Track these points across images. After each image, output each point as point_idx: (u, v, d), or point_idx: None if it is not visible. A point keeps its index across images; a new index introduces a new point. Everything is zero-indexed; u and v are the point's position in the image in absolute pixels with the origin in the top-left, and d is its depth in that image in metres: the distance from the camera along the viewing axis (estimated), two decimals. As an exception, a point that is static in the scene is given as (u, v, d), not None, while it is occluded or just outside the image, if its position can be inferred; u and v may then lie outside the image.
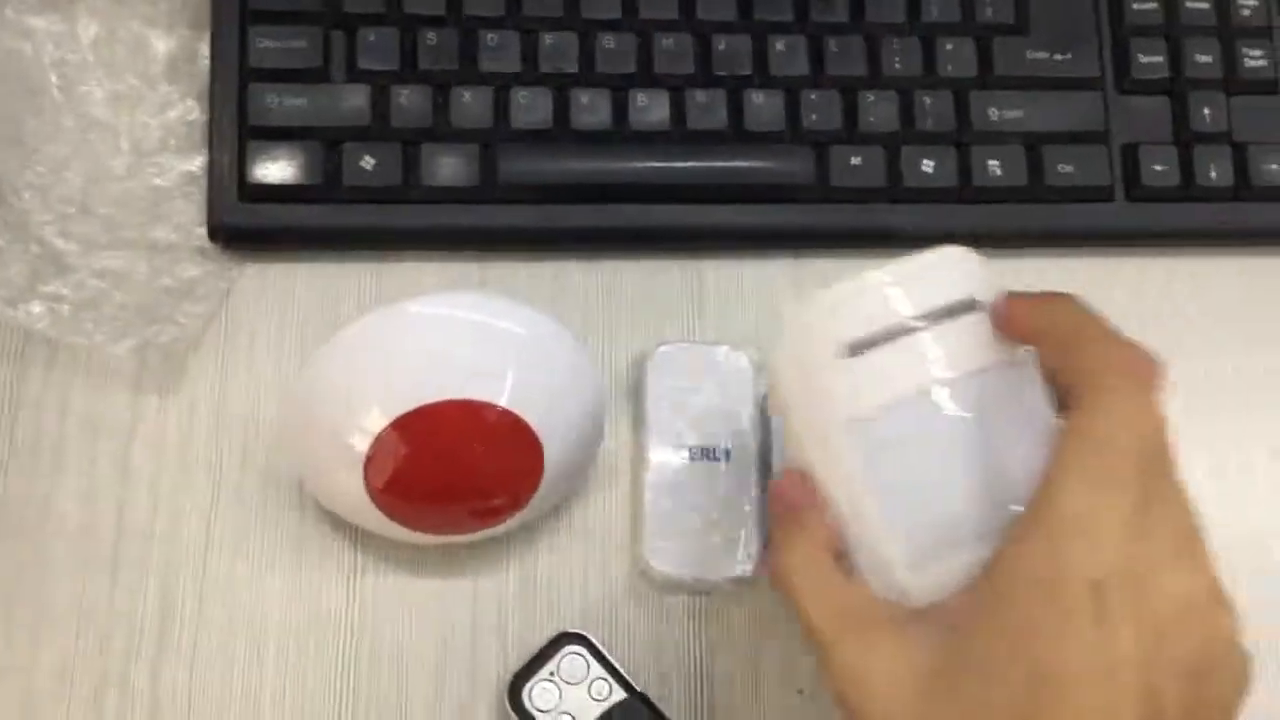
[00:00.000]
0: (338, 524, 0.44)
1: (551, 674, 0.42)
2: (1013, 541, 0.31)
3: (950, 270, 0.35)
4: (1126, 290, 0.50)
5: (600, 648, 0.43)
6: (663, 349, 0.46)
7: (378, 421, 0.39)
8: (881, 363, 0.34)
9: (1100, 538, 0.29)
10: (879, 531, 0.33)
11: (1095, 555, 0.29)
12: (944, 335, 0.34)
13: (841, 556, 0.34)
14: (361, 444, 0.39)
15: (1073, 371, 0.32)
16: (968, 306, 0.34)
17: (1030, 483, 0.31)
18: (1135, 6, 0.50)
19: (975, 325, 0.34)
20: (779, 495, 0.35)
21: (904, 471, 0.33)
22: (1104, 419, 0.31)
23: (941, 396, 0.33)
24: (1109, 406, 0.31)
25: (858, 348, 0.34)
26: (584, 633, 0.43)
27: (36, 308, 0.44)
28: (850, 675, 0.31)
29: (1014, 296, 0.34)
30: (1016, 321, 0.34)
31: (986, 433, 0.33)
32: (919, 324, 0.34)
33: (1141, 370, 0.31)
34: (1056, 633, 0.29)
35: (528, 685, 0.42)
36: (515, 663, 0.43)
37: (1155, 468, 0.31)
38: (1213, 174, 0.49)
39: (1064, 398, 0.32)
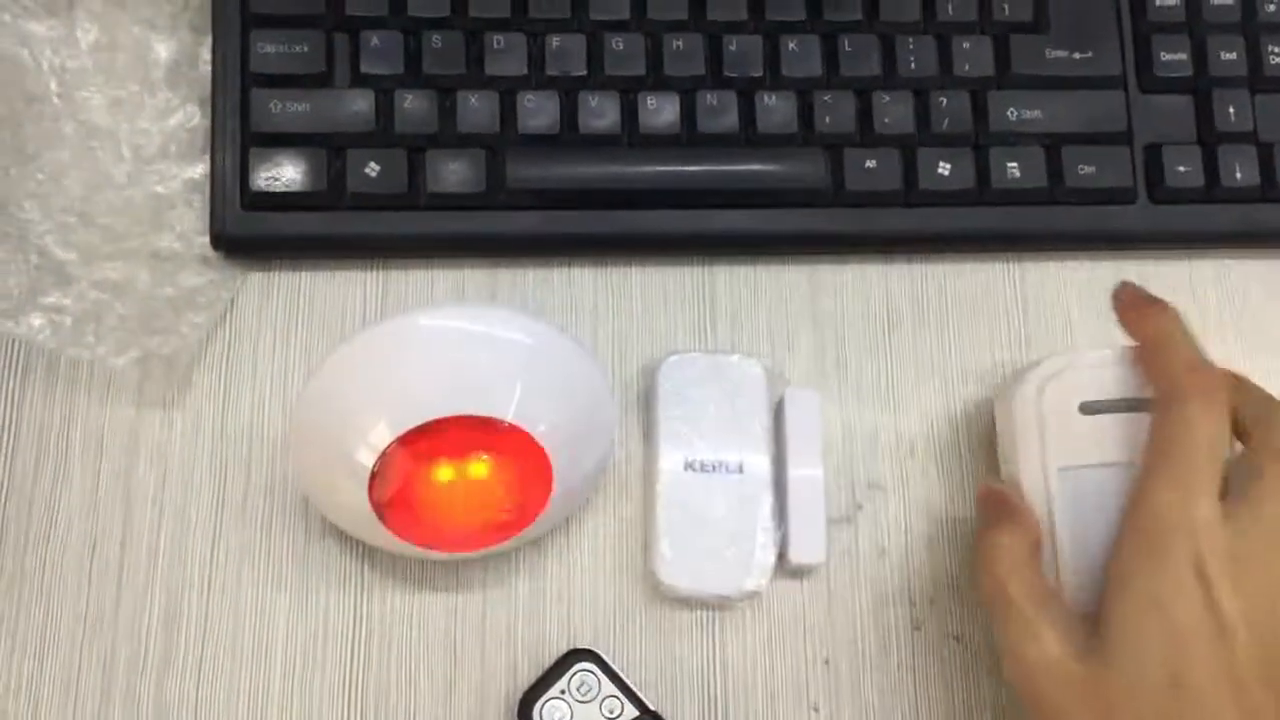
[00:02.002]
0: (344, 537, 0.44)
1: (562, 691, 0.41)
2: (1118, 545, 0.36)
3: None
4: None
5: (611, 665, 0.42)
6: (673, 358, 0.45)
7: (384, 437, 0.38)
8: (1108, 427, 0.39)
9: (1191, 528, 0.35)
10: (1063, 564, 0.39)
11: (1189, 542, 0.34)
12: None
13: (1037, 555, 0.39)
14: (368, 459, 0.39)
15: (1155, 381, 0.38)
16: None
17: None
18: (1157, 3, 0.49)
19: None
20: (989, 496, 0.41)
21: (1095, 522, 0.38)
22: (1178, 428, 0.36)
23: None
24: (1181, 417, 0.36)
25: (1091, 409, 0.40)
26: (595, 649, 0.42)
27: (37, 320, 0.43)
28: (1019, 652, 0.37)
29: (1124, 298, 0.41)
30: (1124, 322, 0.41)
31: None
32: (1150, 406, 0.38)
33: (1209, 384, 0.37)
34: (1170, 601, 0.34)
35: (538, 703, 0.41)
36: (525, 678, 0.42)
37: (1231, 469, 0.36)
38: (1238, 174, 0.48)
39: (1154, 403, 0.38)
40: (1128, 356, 0.40)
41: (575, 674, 0.42)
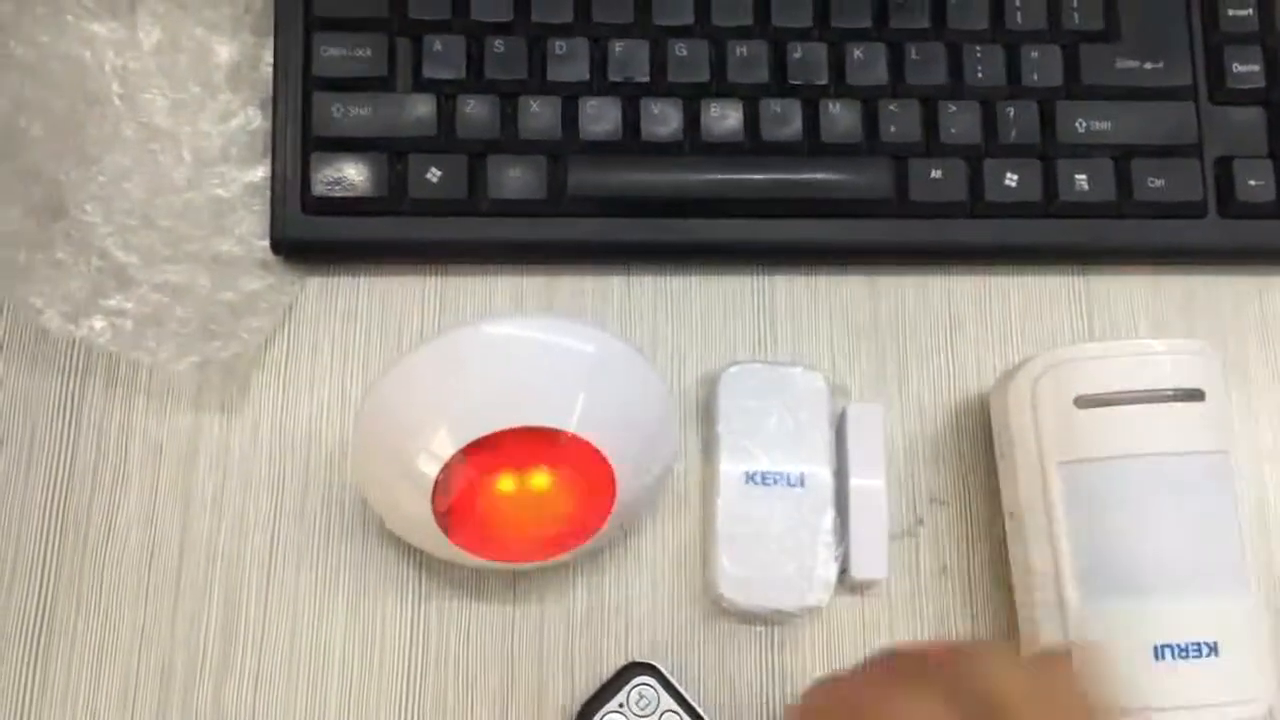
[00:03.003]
0: (402, 545, 0.43)
1: (621, 705, 0.41)
2: None
3: (1185, 359, 0.41)
4: (1219, 309, 0.48)
5: (670, 678, 0.41)
6: (734, 369, 0.45)
7: (447, 447, 0.38)
8: (1104, 421, 0.40)
9: None
10: (1062, 560, 0.39)
11: None
12: (1165, 414, 0.40)
13: None
14: (430, 469, 0.38)
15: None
16: (1193, 395, 0.40)
17: (1201, 560, 0.39)
18: (1230, 13, 0.48)
19: (1194, 413, 0.40)
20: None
21: (1095, 516, 0.39)
22: None
23: (1143, 464, 0.39)
24: None
25: (1087, 403, 0.40)
26: (654, 663, 0.42)
27: (98, 323, 0.43)
28: None
29: None
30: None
31: (1173, 506, 0.39)
32: (1146, 398, 0.40)
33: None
34: None
35: (597, 716, 0.41)
36: (582, 691, 0.42)
37: None
38: (1310, 189, 0.47)
39: None
40: (1121, 350, 0.41)
41: (634, 687, 0.41)
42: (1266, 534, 0.46)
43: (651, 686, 0.41)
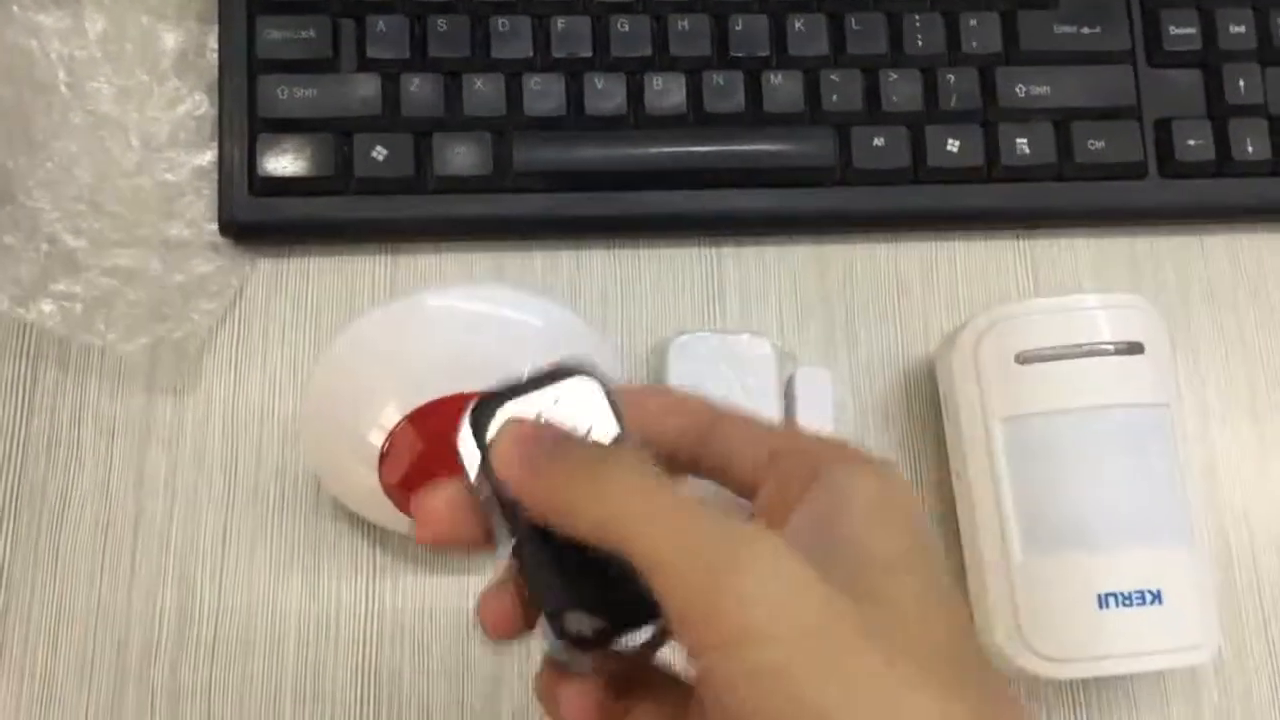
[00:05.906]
0: (356, 520, 0.44)
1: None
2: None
3: (1124, 314, 0.41)
4: (1161, 269, 0.48)
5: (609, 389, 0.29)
6: (683, 338, 0.45)
7: (392, 416, 0.38)
8: (1045, 376, 0.40)
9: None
10: (1006, 513, 0.40)
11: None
12: (1105, 367, 0.41)
13: None
14: (377, 439, 0.39)
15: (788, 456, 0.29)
16: (1133, 349, 0.41)
17: (1143, 509, 0.40)
18: (1165, -24, 0.49)
19: (1133, 366, 0.41)
20: (526, 437, 0.27)
21: (1038, 470, 0.40)
22: (876, 485, 0.27)
23: (1084, 417, 0.40)
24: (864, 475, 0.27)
25: (1028, 358, 0.41)
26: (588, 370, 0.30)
27: (47, 306, 0.43)
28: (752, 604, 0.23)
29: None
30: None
31: (1116, 457, 0.40)
32: (1086, 352, 0.40)
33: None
34: None
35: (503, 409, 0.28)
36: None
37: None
38: (1249, 148, 0.48)
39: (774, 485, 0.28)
40: (1060, 306, 0.41)
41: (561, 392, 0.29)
42: (1213, 488, 0.46)
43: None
